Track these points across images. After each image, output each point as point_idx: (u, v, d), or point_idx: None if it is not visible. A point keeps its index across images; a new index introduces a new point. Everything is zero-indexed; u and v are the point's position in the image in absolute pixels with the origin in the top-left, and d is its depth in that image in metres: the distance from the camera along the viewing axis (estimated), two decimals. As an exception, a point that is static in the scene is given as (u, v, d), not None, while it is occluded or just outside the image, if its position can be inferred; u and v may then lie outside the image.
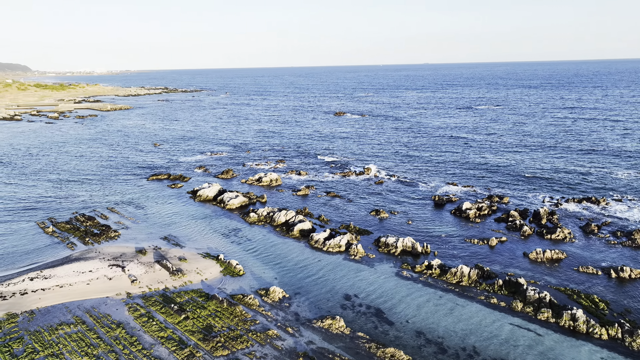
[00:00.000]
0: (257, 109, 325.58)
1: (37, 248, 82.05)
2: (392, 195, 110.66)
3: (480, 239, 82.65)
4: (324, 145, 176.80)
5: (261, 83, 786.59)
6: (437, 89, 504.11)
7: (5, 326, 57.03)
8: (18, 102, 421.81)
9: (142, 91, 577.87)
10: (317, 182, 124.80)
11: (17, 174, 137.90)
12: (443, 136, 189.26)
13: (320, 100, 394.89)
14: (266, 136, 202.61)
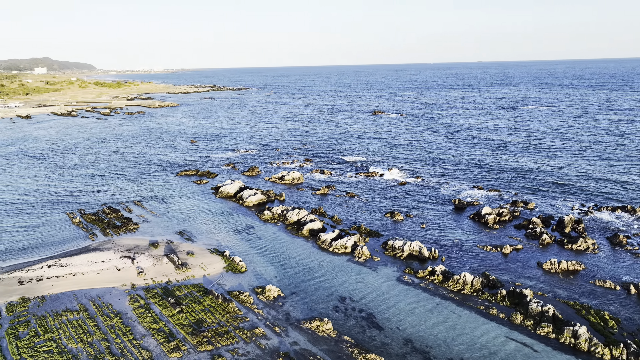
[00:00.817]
0: (296, 108, 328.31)
1: (62, 237, 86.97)
2: (412, 198, 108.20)
3: (494, 246, 79.16)
4: (353, 145, 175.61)
5: (305, 82, 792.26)
6: (484, 88, 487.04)
7: (16, 310, 60.96)
8: (77, 99, 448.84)
9: (192, 89, 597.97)
10: (339, 181, 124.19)
11: (57, 167, 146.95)
12: (478, 138, 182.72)
13: (361, 99, 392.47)
14: (298, 135, 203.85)
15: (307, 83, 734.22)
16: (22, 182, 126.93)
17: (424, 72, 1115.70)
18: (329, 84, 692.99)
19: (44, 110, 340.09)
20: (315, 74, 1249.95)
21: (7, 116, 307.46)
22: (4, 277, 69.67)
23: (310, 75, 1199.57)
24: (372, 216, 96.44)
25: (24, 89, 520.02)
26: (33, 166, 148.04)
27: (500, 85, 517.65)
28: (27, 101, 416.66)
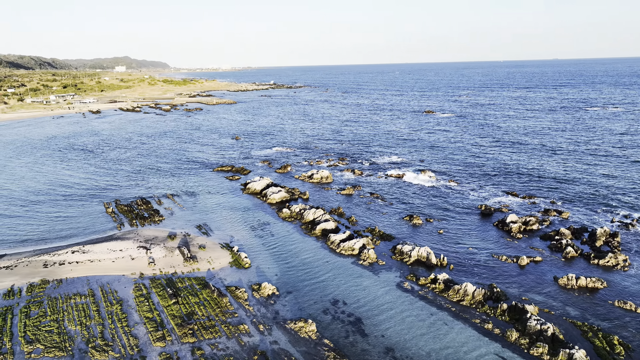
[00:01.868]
0: (345, 107, 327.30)
1: (93, 226, 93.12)
2: (438, 202, 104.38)
3: (511, 256, 74.58)
4: (392, 146, 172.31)
5: (363, 80, 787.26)
6: (552, 87, 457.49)
7: (35, 290, 66.22)
8: (145, 96, 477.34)
9: (251, 87, 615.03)
10: (367, 182, 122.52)
11: (106, 161, 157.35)
12: (526, 142, 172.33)
13: (415, 98, 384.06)
14: (340, 134, 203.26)
15: (364, 81, 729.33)
16: (72, 174, 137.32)
17: (491, 71, 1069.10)
18: (387, 82, 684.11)
19: (113, 106, 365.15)
20: (377, 72, 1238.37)
21: (80, 111, 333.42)
22: (33, 259, 75.89)
23: (370, 73, 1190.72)
24: (390, 219, 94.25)
25: (100, 86, 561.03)
26: (86, 159, 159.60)
27: (570, 85, 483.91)
28: (101, 97, 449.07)
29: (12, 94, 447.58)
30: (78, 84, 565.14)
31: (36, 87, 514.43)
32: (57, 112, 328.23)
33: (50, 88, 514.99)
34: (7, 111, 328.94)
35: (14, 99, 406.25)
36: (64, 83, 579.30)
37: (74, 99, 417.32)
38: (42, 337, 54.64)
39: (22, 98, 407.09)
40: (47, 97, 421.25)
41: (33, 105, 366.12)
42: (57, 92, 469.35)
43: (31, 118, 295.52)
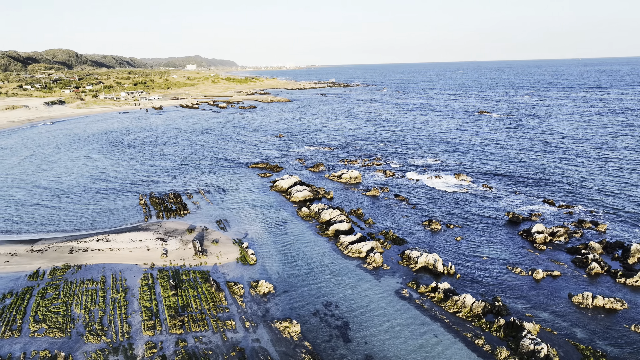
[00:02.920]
0: (397, 106, 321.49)
1: (124, 216, 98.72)
2: (466, 207, 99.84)
3: (527, 269, 69.79)
4: (433, 147, 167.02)
5: (422, 79, 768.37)
6: (630, 87, 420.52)
7: (56, 274, 71.48)
8: (206, 93, 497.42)
9: (309, 85, 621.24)
10: (396, 183, 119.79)
11: (151, 155, 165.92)
12: (576, 148, 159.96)
13: (471, 98, 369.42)
14: (383, 134, 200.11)
15: (422, 80, 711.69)
16: (117, 167, 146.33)
17: (563, 69, 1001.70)
18: (445, 81, 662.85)
19: (174, 103, 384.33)
20: (439, 70, 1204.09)
21: (144, 107, 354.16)
22: (61, 245, 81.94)
23: (433, 71, 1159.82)
24: (408, 222, 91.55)
25: (167, 83, 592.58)
26: (134, 153, 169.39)
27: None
28: (166, 94, 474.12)
29: (89, 90, 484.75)
30: (147, 82, 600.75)
31: (110, 85, 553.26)
32: (123, 108, 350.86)
33: (122, 85, 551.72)
34: (81, 107, 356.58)
35: (90, 95, 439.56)
36: (135, 81, 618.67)
37: (142, 96, 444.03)
38: (49, 317, 58.89)
39: (96, 95, 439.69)
40: (118, 94, 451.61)
41: (104, 101, 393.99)
42: (128, 89, 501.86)
43: (100, 113, 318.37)
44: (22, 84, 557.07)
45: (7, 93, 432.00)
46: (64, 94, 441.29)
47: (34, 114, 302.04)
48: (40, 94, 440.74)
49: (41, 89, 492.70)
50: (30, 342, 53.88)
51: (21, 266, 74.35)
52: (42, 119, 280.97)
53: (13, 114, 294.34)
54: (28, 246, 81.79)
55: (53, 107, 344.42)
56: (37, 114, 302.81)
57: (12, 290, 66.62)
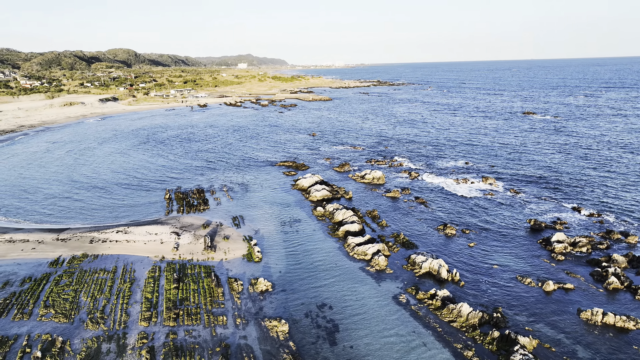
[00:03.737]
0: (437, 106, 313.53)
1: (147, 209, 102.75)
2: (487, 212, 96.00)
3: (538, 280, 66.17)
4: (467, 149, 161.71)
5: (470, 77, 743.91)
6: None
7: (74, 262, 75.60)
8: (251, 91, 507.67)
9: (354, 84, 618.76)
10: (420, 185, 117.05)
11: (185, 151, 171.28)
12: (628, 155, 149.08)
13: (520, 98, 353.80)
14: (417, 135, 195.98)
15: (470, 79, 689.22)
16: (150, 162, 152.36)
17: (628, 67, 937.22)
18: (493, 80, 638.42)
19: (219, 101, 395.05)
20: (492, 69, 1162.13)
21: (190, 104, 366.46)
22: (84, 235, 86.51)
23: (484, 70, 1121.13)
24: (423, 226, 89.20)
25: (215, 82, 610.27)
26: (169, 148, 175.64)
27: None
28: (212, 92, 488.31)
29: (141, 88, 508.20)
30: (197, 80, 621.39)
31: (162, 83, 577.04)
32: (171, 105, 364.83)
33: (173, 83, 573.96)
34: (132, 104, 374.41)
35: (142, 92, 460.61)
36: (186, 79, 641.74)
37: (190, 94, 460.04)
38: (58, 303, 62.37)
39: (147, 92, 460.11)
40: (168, 91, 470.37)
41: (154, 98, 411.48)
42: (178, 87, 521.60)
43: (148, 110, 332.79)
44: (84, 81, 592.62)
45: (68, 90, 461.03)
46: (119, 91, 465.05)
47: (88, 110, 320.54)
48: (98, 91, 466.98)
49: (99, 86, 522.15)
50: (37, 325, 57.30)
51: (45, 253, 79.18)
52: (95, 115, 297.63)
53: (70, 110, 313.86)
54: (55, 235, 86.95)
55: (107, 103, 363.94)
56: (90, 110, 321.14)
57: (32, 275, 71.09)
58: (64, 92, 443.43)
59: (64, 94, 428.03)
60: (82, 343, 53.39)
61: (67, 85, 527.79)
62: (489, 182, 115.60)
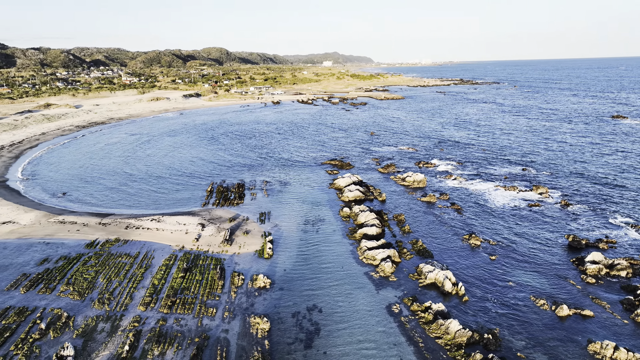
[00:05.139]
0: (515, 108, 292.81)
1: (187, 201, 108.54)
2: (525, 223, 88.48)
3: (553, 302, 59.86)
4: (530, 155, 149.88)
5: (560, 77, 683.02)
6: None
7: (106, 245, 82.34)
8: (327, 89, 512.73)
9: (433, 82, 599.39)
10: (460, 191, 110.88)
11: (243, 146, 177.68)
12: None
13: (612, 100, 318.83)
14: (479, 138, 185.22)
15: (559, 78, 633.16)
16: (207, 155, 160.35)
17: None
18: (586, 80, 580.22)
19: (293, 98, 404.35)
20: (594, 67, 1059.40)
21: (265, 101, 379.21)
22: (122, 221, 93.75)
23: (583, 69, 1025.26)
24: (448, 234, 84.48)
25: (294, 79, 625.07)
26: (230, 143, 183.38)
27: None
28: (289, 90, 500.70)
29: (224, 85, 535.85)
30: (277, 78, 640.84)
31: (244, 80, 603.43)
32: (247, 101, 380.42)
33: (254, 80, 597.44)
34: (213, 100, 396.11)
35: (224, 89, 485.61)
36: (267, 76, 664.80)
37: (267, 91, 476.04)
38: (78, 282, 68.44)
39: (228, 89, 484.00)
40: (247, 88, 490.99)
41: (233, 95, 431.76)
42: (258, 84, 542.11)
43: (224, 106, 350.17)
44: (176, 78, 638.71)
45: (159, 86, 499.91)
46: (203, 87, 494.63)
47: (171, 104, 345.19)
48: (185, 87, 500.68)
49: (188, 83, 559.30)
50: (54, 300, 63.40)
51: (85, 235, 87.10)
52: (176, 110, 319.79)
53: (155, 105, 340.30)
54: (99, 219, 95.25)
55: (189, 99, 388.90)
56: (173, 104, 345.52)
57: (68, 254, 78.62)
58: (156, 88, 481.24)
59: (155, 90, 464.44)
60: (83, 320, 58.14)
61: (161, 82, 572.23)
62: (539, 192, 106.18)
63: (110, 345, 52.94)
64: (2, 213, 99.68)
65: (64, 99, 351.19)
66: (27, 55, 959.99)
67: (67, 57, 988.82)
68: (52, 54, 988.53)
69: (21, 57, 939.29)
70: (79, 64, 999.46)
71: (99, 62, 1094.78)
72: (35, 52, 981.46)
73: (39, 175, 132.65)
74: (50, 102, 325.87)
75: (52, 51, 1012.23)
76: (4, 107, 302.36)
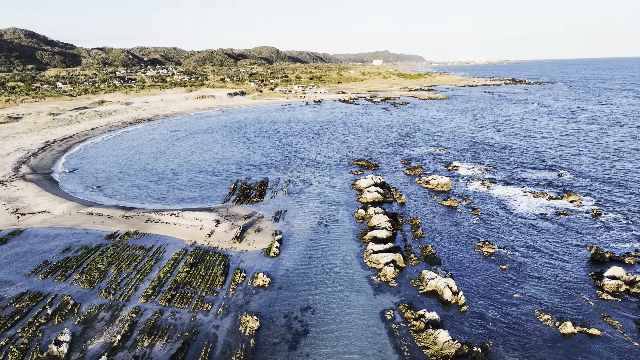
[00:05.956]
0: (564, 110, 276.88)
1: (210, 197, 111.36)
2: (547, 232, 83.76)
3: (557, 318, 56.33)
4: (568, 161, 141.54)
5: (622, 76, 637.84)
6: None
7: (124, 238, 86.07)
8: (371, 88, 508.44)
9: (483, 82, 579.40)
10: (484, 196, 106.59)
11: (275, 144, 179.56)
12: None
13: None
14: (517, 141, 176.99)
15: (625, 78, 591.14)
16: (237, 152, 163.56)
17: None
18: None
19: (335, 97, 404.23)
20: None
21: (307, 100, 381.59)
22: (144, 215, 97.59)
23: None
24: (461, 240, 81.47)
25: (339, 78, 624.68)
26: (262, 141, 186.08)
27: None
28: (332, 89, 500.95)
29: (270, 83, 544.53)
30: (322, 77, 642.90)
31: (290, 79, 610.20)
32: (289, 100, 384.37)
33: (300, 79, 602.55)
34: (256, 98, 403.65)
35: (268, 88, 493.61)
36: (313, 75, 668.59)
37: (311, 90, 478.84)
38: (90, 271, 71.99)
39: (273, 87, 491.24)
40: (291, 87, 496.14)
41: (277, 93, 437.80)
42: (303, 83, 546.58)
43: (266, 104, 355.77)
44: (225, 77, 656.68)
45: (208, 85, 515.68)
46: (249, 86, 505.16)
47: (215, 102, 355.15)
48: (232, 85, 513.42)
49: (235, 81, 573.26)
50: (66, 287, 67.06)
51: (108, 227, 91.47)
52: (219, 108, 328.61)
53: (200, 102, 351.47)
54: (123, 212, 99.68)
55: (234, 97, 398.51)
56: (217, 102, 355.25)
57: (89, 244, 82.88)
58: (204, 87, 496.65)
59: (203, 88, 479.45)
60: (87, 308, 61.12)
61: (211, 80, 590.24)
62: (570, 199, 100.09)
63: (105, 334, 55.30)
64: (39, 203, 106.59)
65: (117, 96, 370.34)
66: (91, 54, 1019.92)
67: (126, 57, 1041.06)
68: (114, 54, 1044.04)
69: (86, 56, 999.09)
70: (137, 62, 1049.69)
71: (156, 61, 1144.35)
72: (98, 52, 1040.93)
73: (79, 169, 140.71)
74: (105, 99, 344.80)
75: (114, 51, 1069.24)
76: (64, 103, 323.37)
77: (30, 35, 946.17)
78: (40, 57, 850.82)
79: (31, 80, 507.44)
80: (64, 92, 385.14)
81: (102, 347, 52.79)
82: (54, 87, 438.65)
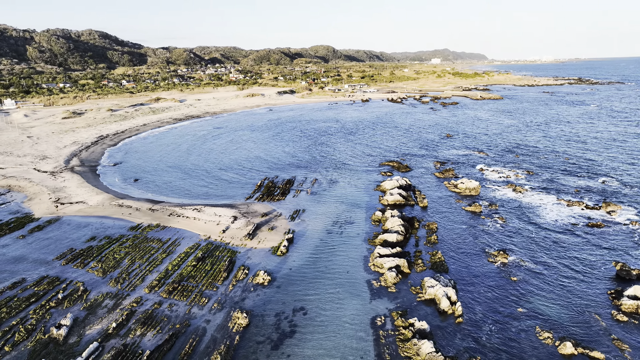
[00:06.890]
0: (629, 112, 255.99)
1: (235, 193, 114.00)
2: (571, 244, 78.17)
3: (559, 338, 52.52)
4: (617, 169, 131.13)
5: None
6: None
7: (145, 230, 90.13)
8: (422, 87, 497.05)
9: (544, 81, 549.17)
10: (513, 203, 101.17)
11: (311, 143, 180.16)
12: None
13: None
14: (563, 145, 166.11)
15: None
16: (271, 151, 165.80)
17: None
18: None
19: (384, 96, 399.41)
20: None
21: (354, 99, 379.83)
22: (168, 209, 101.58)
23: None
24: (475, 248, 77.90)
25: (391, 77, 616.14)
26: (298, 140, 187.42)
27: None
28: (383, 88, 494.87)
29: (321, 82, 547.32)
30: (375, 75, 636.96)
31: (342, 77, 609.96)
32: (337, 99, 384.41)
33: (351, 78, 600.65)
34: (305, 97, 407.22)
35: (318, 87, 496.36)
36: (365, 74, 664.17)
37: (361, 88, 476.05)
38: (106, 260, 76.07)
39: (323, 86, 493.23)
40: (341, 85, 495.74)
41: (326, 92, 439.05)
42: (354, 82, 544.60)
43: (314, 103, 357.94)
44: (278, 75, 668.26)
45: (260, 83, 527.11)
46: (300, 84, 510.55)
47: (264, 100, 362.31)
48: (284, 84, 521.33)
49: (288, 80, 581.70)
50: (82, 274, 71.37)
51: (135, 219, 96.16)
52: (266, 106, 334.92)
53: (249, 100, 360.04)
54: (150, 205, 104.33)
55: (282, 96, 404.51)
56: (265, 101, 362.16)
57: (112, 235, 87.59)
58: (256, 85, 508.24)
59: (255, 86, 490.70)
60: (95, 295, 64.69)
61: (265, 79, 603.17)
62: (608, 210, 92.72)
63: (104, 321, 58.27)
64: (79, 193, 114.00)
65: (172, 94, 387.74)
66: (156, 54, 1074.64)
67: (188, 55, 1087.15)
68: (177, 53, 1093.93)
69: (152, 55, 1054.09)
70: (198, 61, 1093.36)
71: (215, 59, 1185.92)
72: (163, 51, 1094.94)
73: (123, 162, 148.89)
74: (161, 96, 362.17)
75: (177, 50, 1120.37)
76: (123, 100, 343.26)
77: (104, 36, 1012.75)
78: (111, 56, 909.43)
79: (100, 78, 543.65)
80: (125, 90, 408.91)
81: (98, 332, 55.67)
82: (119, 85, 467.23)
